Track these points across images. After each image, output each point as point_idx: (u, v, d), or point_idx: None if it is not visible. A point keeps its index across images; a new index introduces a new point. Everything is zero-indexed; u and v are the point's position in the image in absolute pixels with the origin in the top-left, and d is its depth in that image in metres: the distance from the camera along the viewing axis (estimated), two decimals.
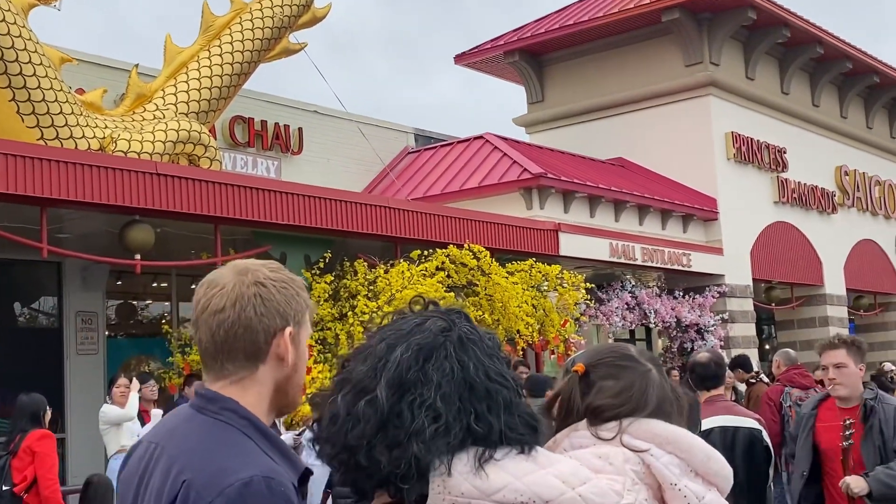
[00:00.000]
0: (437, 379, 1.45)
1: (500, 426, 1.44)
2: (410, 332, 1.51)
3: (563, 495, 1.40)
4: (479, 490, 1.39)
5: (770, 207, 21.22)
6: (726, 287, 18.86)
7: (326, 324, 11.52)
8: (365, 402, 1.45)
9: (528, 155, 17.09)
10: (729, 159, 20.04)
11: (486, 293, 12.62)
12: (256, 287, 1.85)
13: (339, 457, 1.47)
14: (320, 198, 11.48)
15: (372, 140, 17.49)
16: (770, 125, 21.49)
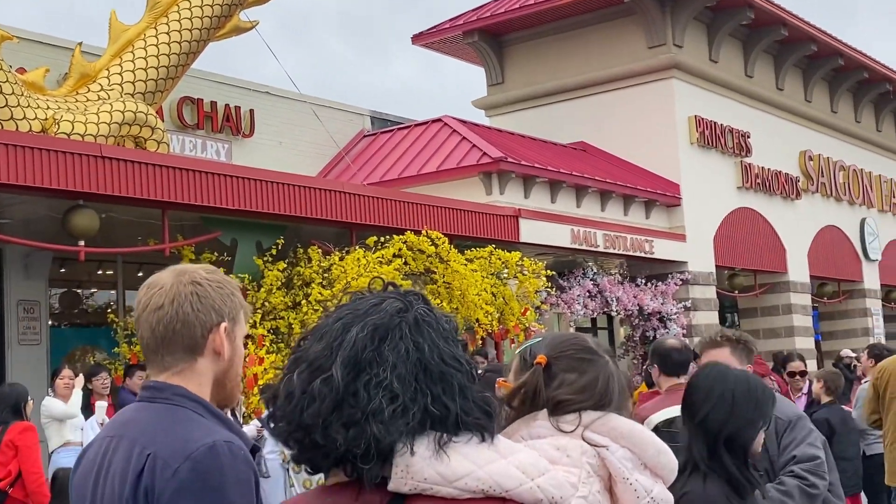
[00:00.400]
0: (392, 359, 1.48)
1: (457, 409, 1.48)
2: (367, 312, 1.54)
3: (522, 485, 1.45)
4: (441, 476, 1.44)
5: (733, 193, 21.38)
6: (689, 274, 18.99)
7: (279, 313, 11.46)
8: (320, 380, 1.48)
9: (488, 138, 17.07)
10: (692, 144, 20.15)
11: (444, 281, 12.62)
12: (193, 286, 2.03)
13: (294, 435, 1.50)
14: (273, 182, 11.40)
15: (327, 123, 17.38)
16: (734, 109, 21.64)
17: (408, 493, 1.45)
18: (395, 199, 13.03)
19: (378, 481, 1.47)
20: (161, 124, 12.37)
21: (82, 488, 2.01)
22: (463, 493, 1.44)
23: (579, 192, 17.66)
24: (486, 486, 1.45)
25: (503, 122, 20.97)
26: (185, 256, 11.07)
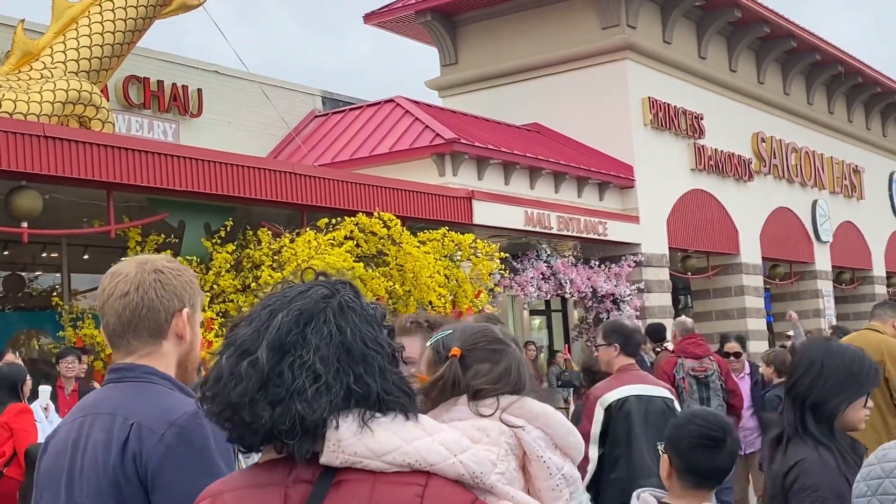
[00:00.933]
0: (315, 342, 1.59)
1: (378, 388, 1.60)
2: (293, 299, 1.65)
3: (446, 461, 1.58)
4: (371, 451, 1.56)
5: (686, 175, 21.58)
6: (642, 256, 19.17)
7: (228, 296, 11.43)
8: (247, 362, 1.58)
9: (441, 119, 17.08)
10: (646, 125, 20.30)
11: (396, 263, 12.63)
12: (156, 274, 2.23)
13: (223, 413, 1.60)
14: (221, 163, 11.34)
15: (277, 103, 17.29)
16: (687, 90, 21.82)
17: (339, 467, 1.57)
18: (346, 180, 13.01)
19: (309, 456, 1.58)
20: (106, 104, 12.24)
21: (54, 468, 2.11)
22: (391, 466, 1.56)
23: (533, 173, 17.73)
24: (412, 461, 1.56)
25: (456, 102, 20.97)
26: (132, 238, 10.99)
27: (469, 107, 20.23)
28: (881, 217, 30.48)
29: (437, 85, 22.19)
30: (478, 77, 21.39)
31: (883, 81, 29.50)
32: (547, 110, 20.53)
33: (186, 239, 11.36)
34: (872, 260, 29.48)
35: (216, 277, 11.35)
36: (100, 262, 12.45)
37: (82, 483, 2.06)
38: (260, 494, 1.61)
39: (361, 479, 1.57)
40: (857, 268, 28.87)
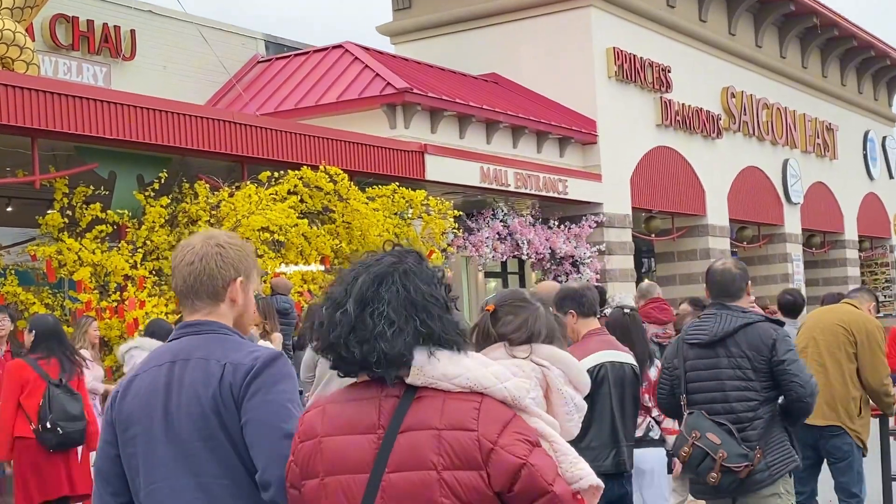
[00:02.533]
0: (387, 297, 2.36)
1: (437, 329, 2.37)
2: (370, 265, 2.42)
3: (495, 385, 2.37)
4: (444, 375, 2.34)
5: (652, 131, 21.70)
6: (604, 216, 19.29)
7: (162, 252, 11.40)
8: (339, 312, 2.37)
9: (393, 68, 17.02)
10: (610, 77, 20.35)
11: (343, 220, 12.66)
12: (217, 248, 2.78)
13: (325, 351, 2.40)
14: (155, 109, 11.27)
15: (216, 47, 17.13)
16: (654, 41, 21.88)
17: (419, 386, 2.36)
18: (290, 131, 12.97)
19: (396, 380, 2.37)
20: (31, 44, 12.05)
21: (146, 406, 2.68)
22: (456, 387, 2.35)
23: (490, 127, 17.74)
24: (472, 384, 2.35)
25: (409, 50, 20.87)
26: (58, 190, 10.92)
27: (423, 55, 20.15)
28: (854, 178, 30.90)
29: (388, 30, 22.04)
30: (432, 23, 21.28)
31: (860, 35, 29.77)
32: (505, 60, 20.50)
33: (117, 191, 11.30)
34: (844, 223, 29.93)
35: (149, 233, 11.32)
36: (24, 214, 12.35)
37: (180, 416, 2.64)
38: (359, 405, 2.40)
39: (435, 396, 2.34)
40: (828, 231, 29.30)
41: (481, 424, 2.30)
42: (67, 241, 10.66)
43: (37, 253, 10.67)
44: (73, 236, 10.93)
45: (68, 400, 7.32)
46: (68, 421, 7.29)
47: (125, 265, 10.80)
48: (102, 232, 10.99)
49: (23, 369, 7.38)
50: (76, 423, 7.31)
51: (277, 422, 2.58)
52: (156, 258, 11.45)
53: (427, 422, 2.32)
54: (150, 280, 11.04)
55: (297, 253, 12.25)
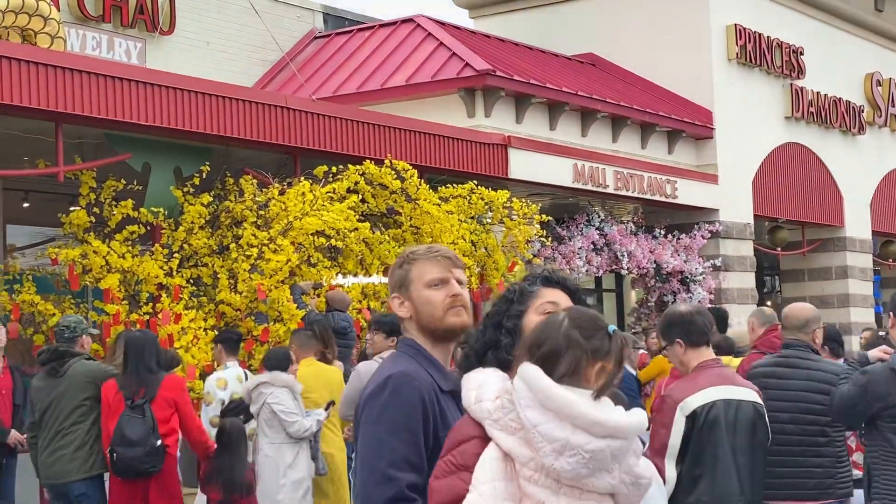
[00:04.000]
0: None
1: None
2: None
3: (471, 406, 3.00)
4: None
5: (780, 124, 21.48)
6: (720, 225, 19.14)
7: (202, 258, 11.50)
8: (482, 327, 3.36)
9: (473, 46, 17.05)
10: (730, 60, 20.20)
11: (411, 224, 12.68)
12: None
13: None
14: (196, 92, 11.38)
15: (267, 19, 17.28)
16: (784, 18, 21.66)
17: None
18: (351, 118, 13.02)
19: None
20: (56, 14, 12.28)
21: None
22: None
23: (585, 117, 17.69)
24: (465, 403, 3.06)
25: (492, 25, 20.90)
26: (84, 183, 11.06)
27: (507, 31, 20.16)
28: None
29: (467, 2, 22.09)
30: None
31: None
32: (605, 39, 20.43)
33: (152, 186, 11.42)
34: None
35: (187, 235, 11.41)
36: (43, 211, 12.59)
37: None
38: None
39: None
40: None
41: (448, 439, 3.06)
42: (94, 243, 10.74)
43: (58, 256, 10.76)
44: (101, 238, 11.01)
45: (129, 422, 7.73)
46: (124, 446, 7.71)
47: (159, 272, 10.89)
48: (134, 233, 11.07)
49: (108, 389, 7.96)
50: (132, 448, 7.70)
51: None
52: (194, 264, 11.54)
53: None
54: (187, 290, 11.13)
55: (356, 262, 12.27)
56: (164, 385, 7.98)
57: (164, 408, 7.93)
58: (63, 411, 8.12)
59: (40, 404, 8.19)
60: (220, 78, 14.03)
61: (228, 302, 11.09)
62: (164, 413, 7.93)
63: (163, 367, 8.13)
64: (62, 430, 8.12)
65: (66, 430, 8.10)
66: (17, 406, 9.47)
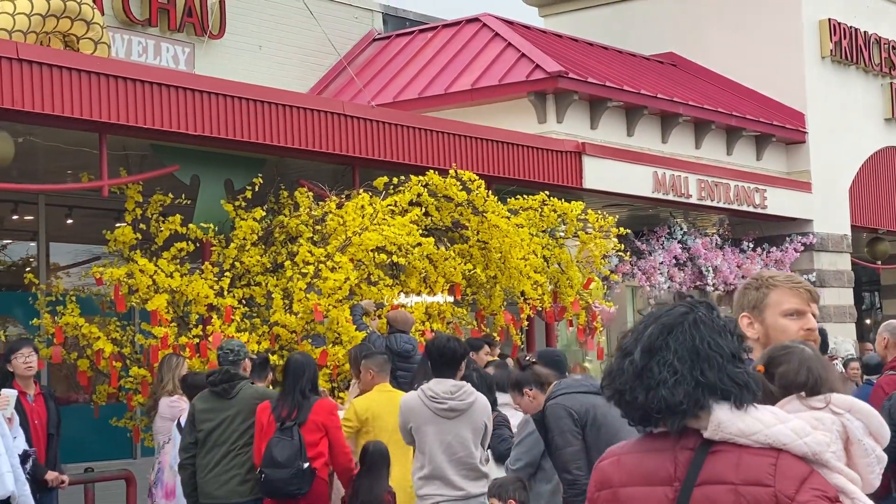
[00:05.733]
0: (674, 346, 2.94)
1: (715, 379, 2.90)
2: (660, 316, 3.02)
3: (794, 441, 2.89)
4: (741, 431, 2.89)
5: (879, 127, 21.27)
6: (815, 237, 18.97)
7: (255, 277, 11.52)
8: (627, 361, 2.98)
9: (543, 46, 17.03)
10: (824, 58, 20.04)
11: (478, 239, 12.63)
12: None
13: (613, 396, 3.02)
14: (248, 99, 11.42)
15: (323, 21, 17.33)
16: (882, 11, 21.48)
17: (716, 440, 2.91)
18: (413, 125, 13.03)
19: (679, 430, 2.95)
20: (100, 18, 12.40)
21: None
22: (755, 443, 2.89)
23: (666, 121, 17.62)
24: (771, 441, 2.89)
25: (564, 24, 20.89)
26: (130, 198, 11.12)
27: (580, 30, 20.14)
28: None
29: (537, 0, 22.08)
30: None
31: None
32: (686, 36, 20.35)
33: (201, 200, 11.47)
34: None
35: (239, 252, 11.42)
36: (87, 227, 12.72)
37: None
38: (655, 456, 3.00)
39: (731, 450, 2.90)
40: None
41: (778, 481, 2.87)
42: (140, 261, 10.78)
43: (103, 276, 10.80)
44: (147, 256, 11.05)
45: (278, 444, 8.26)
46: (272, 467, 8.23)
47: (209, 292, 10.91)
48: (182, 251, 11.12)
49: (262, 411, 8.50)
50: (280, 469, 8.21)
51: None
52: (246, 283, 11.55)
53: (723, 476, 2.90)
54: (239, 311, 11.12)
55: (420, 280, 12.21)
56: (314, 409, 8.41)
57: (313, 431, 8.38)
58: (235, 432, 8.67)
59: (207, 424, 8.66)
60: (273, 84, 14.06)
61: (283, 323, 11.04)
62: (314, 436, 8.37)
63: (315, 392, 8.61)
64: (233, 451, 8.65)
65: (238, 451, 8.65)
66: (51, 436, 9.53)
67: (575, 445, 6.79)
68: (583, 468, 6.64)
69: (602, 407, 6.65)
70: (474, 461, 7.66)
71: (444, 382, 7.71)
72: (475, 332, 12.72)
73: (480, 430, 7.69)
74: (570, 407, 6.87)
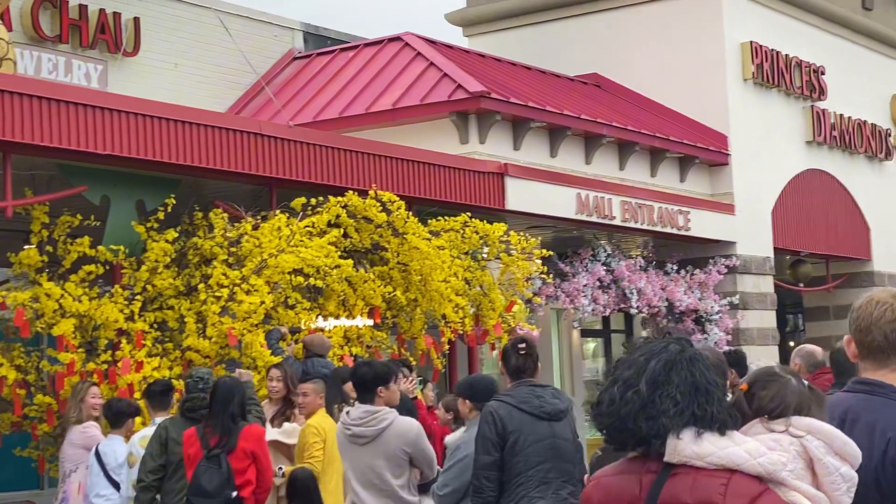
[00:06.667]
0: (676, 381, 3.25)
1: (713, 412, 3.22)
2: (658, 351, 3.32)
3: (747, 462, 3.16)
4: (696, 454, 3.16)
5: (801, 149, 21.46)
6: (738, 260, 19.06)
7: (167, 300, 11.37)
8: (632, 392, 3.25)
9: (466, 66, 17.00)
10: (746, 80, 20.19)
11: (398, 261, 12.59)
12: None
13: (614, 424, 3.27)
14: (162, 118, 11.26)
15: (242, 39, 17.21)
16: (803, 34, 21.70)
17: (675, 463, 3.20)
18: (332, 146, 12.93)
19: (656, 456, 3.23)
20: (5, 34, 12.19)
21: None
22: (709, 465, 3.16)
23: (589, 142, 17.62)
24: (724, 462, 3.16)
25: (487, 44, 20.89)
26: (36, 219, 10.96)
27: (504, 50, 20.15)
28: None
29: (461, 19, 22.10)
30: (517, 9, 21.31)
31: None
32: (610, 57, 20.42)
33: (111, 221, 11.31)
34: None
35: (151, 275, 11.30)
36: None
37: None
38: (625, 478, 3.31)
39: (688, 473, 3.18)
40: None
41: (728, 499, 3.14)
42: (46, 284, 10.63)
43: (6, 300, 10.63)
44: (54, 279, 10.90)
45: (205, 471, 8.14)
46: (199, 496, 8.11)
47: (119, 316, 10.78)
48: (91, 273, 10.97)
49: (189, 438, 8.40)
50: (207, 499, 8.08)
51: None
52: (158, 307, 11.40)
53: (679, 497, 3.19)
54: (150, 335, 10.98)
55: (338, 303, 12.18)
56: (243, 435, 8.30)
57: (242, 458, 8.25)
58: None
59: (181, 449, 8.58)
60: (190, 103, 13.96)
61: (196, 348, 10.95)
62: (242, 464, 8.24)
63: (243, 417, 8.54)
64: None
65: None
66: None
67: (493, 456, 6.80)
68: (493, 479, 6.78)
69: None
70: (391, 488, 7.48)
71: (359, 408, 7.62)
72: (395, 355, 12.71)
73: (396, 456, 7.51)
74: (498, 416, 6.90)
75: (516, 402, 6.93)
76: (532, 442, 6.80)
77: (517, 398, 6.96)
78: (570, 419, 7.08)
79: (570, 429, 7.03)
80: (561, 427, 6.93)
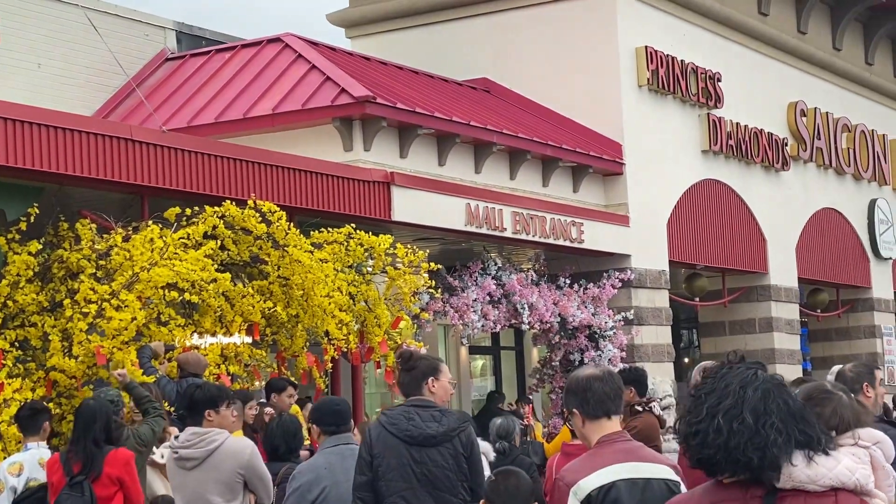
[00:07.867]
0: (775, 410, 3.49)
1: (816, 435, 3.49)
2: (750, 379, 3.55)
3: (850, 479, 3.49)
4: (809, 478, 3.45)
5: (696, 159, 21.70)
6: (633, 273, 19.19)
7: (29, 317, 11.19)
8: (738, 423, 3.46)
9: (350, 69, 16.96)
10: (641, 87, 20.35)
11: (278, 275, 12.52)
12: None
13: (714, 456, 3.49)
14: (23, 122, 11.08)
15: (110, 38, 17.03)
16: (700, 40, 21.94)
17: (787, 489, 3.47)
18: (208, 152, 12.83)
19: (758, 481, 3.51)
20: None
21: None
22: (820, 487, 3.46)
23: (479, 150, 17.66)
24: (833, 482, 3.46)
25: (372, 45, 20.86)
26: None
27: (390, 52, 20.13)
28: None
29: (344, 20, 22.04)
30: (403, 9, 21.28)
31: None
32: (501, 62, 20.49)
33: None
34: None
35: (12, 290, 11.12)
36: None
37: None
38: None
39: (796, 496, 3.45)
40: None
41: None
42: None
43: None
44: None
45: (67, 500, 8.00)
46: None
47: None
48: None
49: (51, 465, 8.30)
50: None
51: None
52: (20, 324, 11.21)
53: None
54: (11, 355, 10.80)
55: (215, 319, 12.10)
56: (108, 460, 8.13)
57: (107, 485, 8.09)
58: None
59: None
60: (54, 105, 13.76)
61: (62, 368, 10.78)
62: (107, 491, 8.09)
63: (109, 441, 8.36)
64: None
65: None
66: None
67: (366, 476, 6.76)
68: (368, 500, 6.75)
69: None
70: None
71: (187, 430, 7.63)
72: (275, 374, 12.69)
73: (229, 479, 7.43)
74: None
75: (387, 422, 6.86)
76: (395, 467, 6.73)
77: (389, 419, 6.90)
78: (459, 443, 6.94)
79: (453, 454, 6.84)
80: (435, 453, 6.79)
